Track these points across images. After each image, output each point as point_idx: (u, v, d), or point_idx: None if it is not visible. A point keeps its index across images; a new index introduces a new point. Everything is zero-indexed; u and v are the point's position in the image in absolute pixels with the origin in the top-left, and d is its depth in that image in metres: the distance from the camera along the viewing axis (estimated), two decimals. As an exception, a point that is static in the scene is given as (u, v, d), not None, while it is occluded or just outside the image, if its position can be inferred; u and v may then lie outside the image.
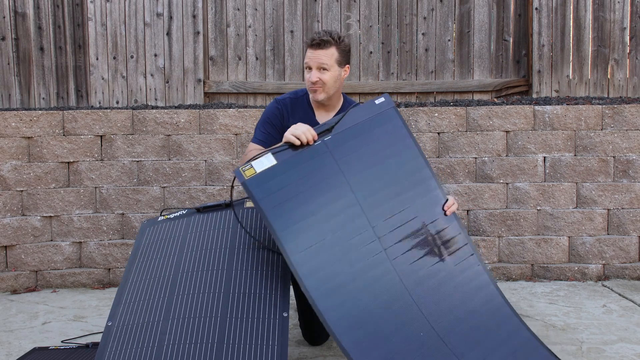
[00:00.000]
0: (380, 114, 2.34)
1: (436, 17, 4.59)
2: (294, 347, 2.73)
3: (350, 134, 2.27)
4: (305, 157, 2.20)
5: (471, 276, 2.23)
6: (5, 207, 3.73)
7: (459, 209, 3.89)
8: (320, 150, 2.22)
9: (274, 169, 2.15)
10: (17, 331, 2.94)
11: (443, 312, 2.11)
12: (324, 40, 2.47)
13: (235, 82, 4.53)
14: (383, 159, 2.28)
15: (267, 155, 2.17)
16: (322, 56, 2.47)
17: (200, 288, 2.14)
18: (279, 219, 2.07)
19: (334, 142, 2.24)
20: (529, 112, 3.97)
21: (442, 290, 2.15)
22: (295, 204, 2.11)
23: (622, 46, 4.54)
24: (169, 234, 2.42)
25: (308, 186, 2.15)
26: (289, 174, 2.15)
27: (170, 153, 3.93)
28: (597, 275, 3.85)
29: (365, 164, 2.24)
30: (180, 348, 1.93)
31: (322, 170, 2.18)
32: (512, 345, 2.13)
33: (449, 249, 2.25)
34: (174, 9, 4.45)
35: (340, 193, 2.17)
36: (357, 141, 2.27)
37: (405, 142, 2.33)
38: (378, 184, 2.23)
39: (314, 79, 2.48)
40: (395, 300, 2.07)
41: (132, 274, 2.28)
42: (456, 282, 2.19)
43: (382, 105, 2.36)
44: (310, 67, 2.50)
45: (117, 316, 2.10)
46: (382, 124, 2.33)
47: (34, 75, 4.42)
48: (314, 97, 2.54)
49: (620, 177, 3.93)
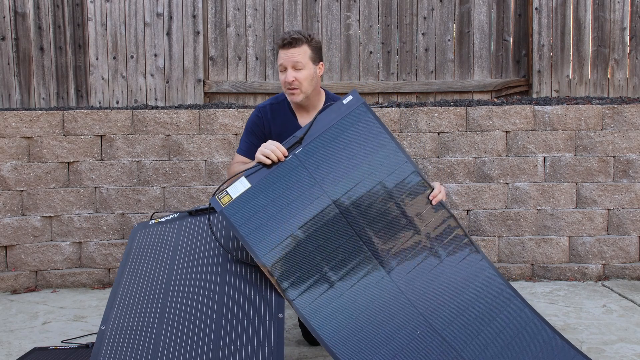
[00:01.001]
0: (350, 114, 2.27)
1: (436, 17, 4.59)
2: (293, 347, 2.73)
3: (321, 142, 2.22)
4: (280, 174, 2.16)
5: (467, 263, 2.19)
6: (5, 207, 3.73)
7: (459, 209, 3.90)
8: (293, 164, 2.18)
9: (249, 192, 2.13)
10: (17, 331, 2.94)
11: (439, 306, 2.09)
12: (295, 38, 2.44)
13: (235, 82, 4.53)
14: (360, 161, 2.22)
15: (240, 179, 2.15)
16: (296, 54, 2.44)
17: (194, 290, 2.13)
18: (259, 243, 2.06)
19: (306, 154, 2.20)
20: (529, 112, 3.97)
21: (437, 284, 2.13)
22: (274, 225, 2.09)
23: (622, 46, 4.54)
24: (161, 237, 2.41)
25: (286, 204, 2.12)
26: (265, 195, 2.12)
27: (170, 153, 3.93)
28: (597, 275, 3.85)
29: (341, 171, 2.20)
30: (175, 351, 1.93)
31: (298, 186, 2.15)
32: (515, 328, 2.10)
33: (439, 240, 2.20)
34: (174, 9, 4.45)
35: (319, 204, 2.14)
36: (329, 148, 2.21)
37: (380, 139, 2.26)
38: (358, 189, 2.19)
39: (290, 79, 2.44)
40: (389, 302, 2.06)
41: (125, 277, 2.27)
42: (450, 273, 2.16)
43: (350, 104, 2.29)
44: (285, 67, 2.46)
45: (111, 320, 2.09)
46: (353, 123, 2.26)
47: (34, 75, 4.42)
48: (292, 99, 2.51)
49: (620, 177, 3.93)
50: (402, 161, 2.25)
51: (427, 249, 2.18)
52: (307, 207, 2.13)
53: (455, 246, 2.22)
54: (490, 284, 2.18)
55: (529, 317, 2.14)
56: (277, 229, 2.09)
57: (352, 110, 2.28)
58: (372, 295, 2.06)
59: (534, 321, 2.14)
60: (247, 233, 2.07)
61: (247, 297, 2.10)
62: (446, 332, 2.05)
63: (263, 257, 2.05)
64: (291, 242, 2.09)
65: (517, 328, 2.12)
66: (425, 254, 2.17)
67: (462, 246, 2.22)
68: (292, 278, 2.04)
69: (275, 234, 2.08)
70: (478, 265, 2.21)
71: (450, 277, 2.16)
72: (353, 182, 2.19)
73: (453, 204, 3.90)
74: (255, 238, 2.07)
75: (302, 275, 2.05)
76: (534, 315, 2.16)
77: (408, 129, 3.98)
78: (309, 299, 2.02)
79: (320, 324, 1.99)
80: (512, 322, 2.13)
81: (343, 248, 2.11)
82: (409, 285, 2.11)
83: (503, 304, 2.15)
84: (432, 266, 2.16)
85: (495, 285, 2.18)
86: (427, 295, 2.11)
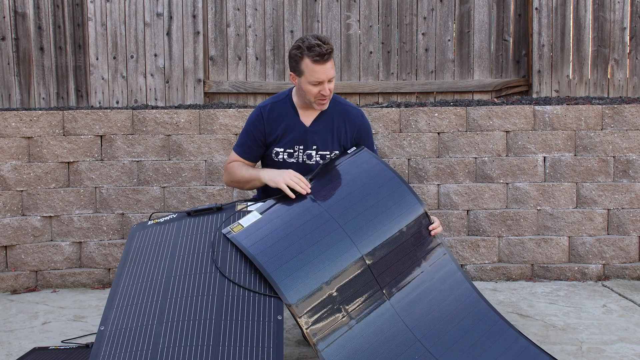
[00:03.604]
0: (353, 156, 2.52)
1: (436, 17, 4.59)
2: (294, 347, 2.73)
3: (328, 178, 2.43)
4: (286, 203, 2.35)
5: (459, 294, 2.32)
6: (5, 207, 3.73)
7: (459, 209, 3.90)
8: (300, 197, 2.37)
9: (258, 221, 2.29)
10: (17, 331, 2.94)
11: (437, 332, 2.19)
12: (329, 51, 2.43)
13: (235, 82, 4.53)
14: (356, 185, 2.42)
15: (253, 213, 2.33)
16: (331, 69, 2.46)
17: (193, 291, 2.13)
18: (271, 262, 2.15)
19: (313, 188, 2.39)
20: (529, 112, 3.97)
21: (435, 313, 2.24)
22: (285, 244, 2.20)
23: (622, 46, 4.54)
24: (160, 238, 2.40)
25: (291, 224, 2.27)
26: (275, 222, 2.28)
27: (170, 153, 3.93)
28: (597, 275, 3.85)
29: (340, 194, 2.38)
30: (174, 351, 1.92)
31: (303, 210, 2.31)
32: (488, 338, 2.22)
33: (432, 267, 2.34)
34: (174, 9, 4.45)
35: (316, 217, 2.28)
36: (335, 183, 2.43)
37: (385, 174, 2.45)
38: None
39: (327, 92, 2.47)
40: (389, 329, 2.14)
41: (123, 277, 2.26)
42: (444, 302, 2.28)
43: (352, 152, 2.58)
44: (322, 81, 2.45)
45: (110, 320, 2.08)
46: (357, 164, 2.50)
47: (34, 75, 4.42)
48: (321, 108, 2.55)
49: (620, 177, 3.93)
50: (405, 192, 2.41)
51: (428, 285, 2.31)
52: (309, 223, 2.28)
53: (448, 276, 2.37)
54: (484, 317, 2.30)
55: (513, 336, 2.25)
56: (287, 249, 2.19)
57: (356, 154, 2.56)
58: (378, 327, 2.16)
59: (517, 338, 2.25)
60: (256, 252, 2.19)
61: (246, 298, 2.10)
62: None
63: (274, 273, 2.12)
64: (301, 259, 2.18)
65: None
66: (431, 294, 2.30)
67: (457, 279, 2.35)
68: (304, 303, 2.10)
69: (286, 252, 2.19)
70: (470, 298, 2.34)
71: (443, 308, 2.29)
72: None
73: (453, 204, 3.90)
74: (265, 255, 2.17)
75: (308, 291, 2.12)
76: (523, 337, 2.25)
77: (408, 129, 3.98)
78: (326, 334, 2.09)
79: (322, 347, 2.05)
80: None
81: (345, 263, 2.21)
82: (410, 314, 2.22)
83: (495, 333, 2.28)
84: (437, 303, 2.28)
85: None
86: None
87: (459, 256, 3.86)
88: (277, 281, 2.08)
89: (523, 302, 3.37)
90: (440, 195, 3.93)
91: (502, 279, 3.86)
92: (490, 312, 2.27)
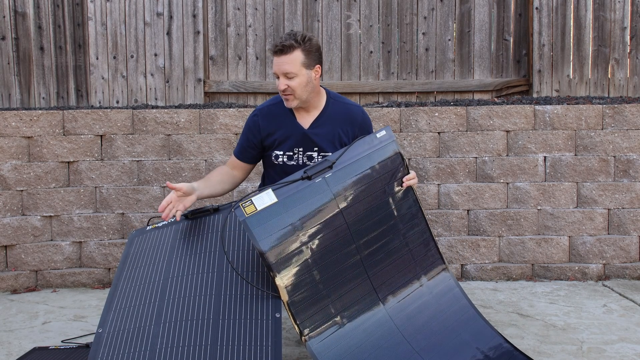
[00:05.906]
0: (381, 149, 2.41)
1: (436, 17, 4.59)
2: (294, 347, 2.73)
3: (350, 171, 2.32)
4: (306, 194, 2.22)
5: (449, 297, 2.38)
6: (5, 207, 3.73)
7: (459, 209, 3.90)
8: (320, 188, 2.24)
9: (274, 207, 2.15)
10: (17, 331, 2.94)
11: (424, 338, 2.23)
12: (285, 45, 2.39)
13: (236, 81, 4.53)
14: (381, 199, 2.37)
15: (267, 191, 2.17)
16: (285, 64, 2.40)
17: (191, 291, 2.13)
18: (277, 258, 2.10)
19: (335, 179, 2.28)
20: (529, 111, 3.97)
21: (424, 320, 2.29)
22: (295, 247, 2.15)
23: (622, 46, 4.54)
24: (158, 241, 2.41)
25: (308, 228, 2.19)
26: (290, 214, 2.16)
27: (171, 153, 3.93)
28: (598, 275, 3.85)
29: (362, 206, 2.32)
30: (172, 351, 1.92)
31: (322, 212, 2.23)
32: None
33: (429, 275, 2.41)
34: (174, 8, 4.44)
35: (338, 233, 2.25)
36: (356, 179, 2.33)
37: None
38: (374, 227, 2.32)
39: (282, 87, 2.43)
40: (387, 338, 2.17)
41: (121, 281, 2.27)
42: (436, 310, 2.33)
43: (382, 138, 2.43)
44: (276, 74, 2.44)
45: (108, 323, 2.09)
46: (381, 158, 2.41)
47: (34, 74, 4.42)
48: (287, 105, 2.50)
49: (620, 177, 3.93)
50: (417, 212, 2.45)
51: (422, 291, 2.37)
52: (328, 235, 2.22)
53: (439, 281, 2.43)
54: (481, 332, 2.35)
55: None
56: (296, 252, 2.15)
57: (383, 145, 2.42)
58: (371, 331, 2.19)
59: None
60: (266, 247, 2.10)
61: (244, 297, 2.10)
62: None
63: (277, 269, 2.10)
64: (305, 265, 2.15)
65: None
66: (422, 298, 2.35)
67: (456, 296, 2.40)
68: (304, 313, 2.09)
69: (293, 254, 2.15)
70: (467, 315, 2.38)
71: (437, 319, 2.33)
72: (371, 220, 2.32)
73: (453, 203, 3.90)
74: (273, 254, 2.10)
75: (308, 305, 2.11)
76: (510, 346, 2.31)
77: (408, 129, 3.98)
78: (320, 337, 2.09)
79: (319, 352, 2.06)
80: None
81: (355, 289, 2.22)
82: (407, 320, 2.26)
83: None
84: (429, 309, 2.33)
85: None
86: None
87: (459, 256, 3.86)
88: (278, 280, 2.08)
89: (523, 302, 3.37)
90: (441, 195, 3.92)
91: (503, 278, 3.86)
92: (487, 328, 2.34)
